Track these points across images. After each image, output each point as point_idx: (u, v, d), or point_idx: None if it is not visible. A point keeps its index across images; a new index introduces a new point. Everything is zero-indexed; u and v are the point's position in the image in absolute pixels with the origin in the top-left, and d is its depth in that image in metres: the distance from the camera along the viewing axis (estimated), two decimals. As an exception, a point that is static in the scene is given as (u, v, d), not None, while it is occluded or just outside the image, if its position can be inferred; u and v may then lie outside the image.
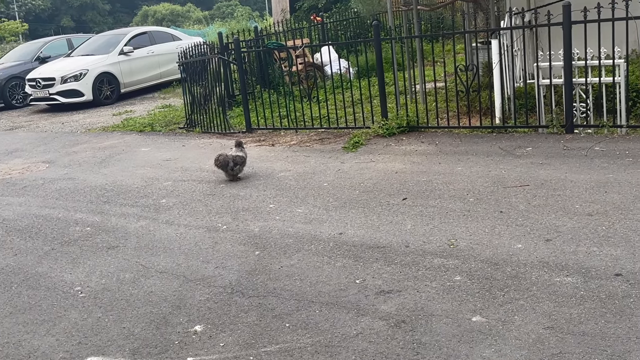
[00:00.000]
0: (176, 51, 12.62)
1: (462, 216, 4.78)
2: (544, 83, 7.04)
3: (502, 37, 7.22)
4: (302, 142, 8.04)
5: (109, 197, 6.46)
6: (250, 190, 6.14)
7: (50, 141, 10.34)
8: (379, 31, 7.86)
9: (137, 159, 8.19)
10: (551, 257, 3.93)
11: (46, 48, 17.08)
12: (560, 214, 4.59)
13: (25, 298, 4.27)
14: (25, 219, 6.04)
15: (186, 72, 10.29)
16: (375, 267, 4.09)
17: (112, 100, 14.57)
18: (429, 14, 11.03)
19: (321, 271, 4.14)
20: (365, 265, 4.14)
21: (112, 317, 3.84)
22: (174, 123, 10.75)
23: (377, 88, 8.14)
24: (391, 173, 6.14)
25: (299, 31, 14.15)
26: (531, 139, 6.74)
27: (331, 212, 5.24)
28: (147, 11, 69.45)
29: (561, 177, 5.39)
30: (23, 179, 7.76)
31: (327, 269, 4.16)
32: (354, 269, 4.11)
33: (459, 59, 8.26)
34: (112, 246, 5.05)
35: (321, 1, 23.27)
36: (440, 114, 7.74)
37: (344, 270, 4.11)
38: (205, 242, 4.90)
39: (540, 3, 8.30)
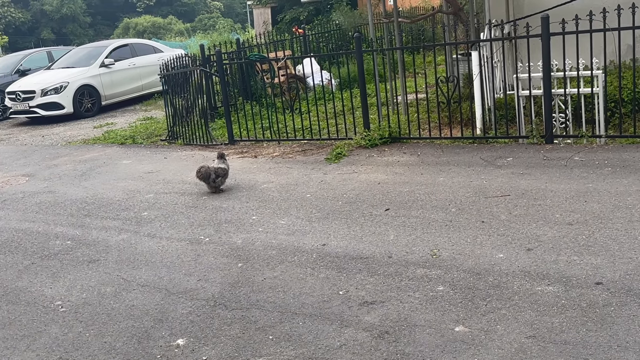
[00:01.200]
0: (158, 63, 12.60)
1: (444, 226, 4.81)
2: (523, 94, 7.13)
3: (482, 48, 7.30)
4: (284, 153, 8.04)
5: (90, 211, 6.40)
6: (233, 202, 6.12)
7: (30, 154, 10.24)
8: (361, 43, 7.91)
9: (118, 171, 8.13)
10: (532, 266, 3.96)
11: (26, 61, 16.94)
12: (541, 224, 4.63)
13: (4, 313, 4.21)
14: (5, 233, 5.96)
15: (168, 84, 10.26)
16: (358, 278, 4.10)
17: (93, 112, 14.47)
18: (410, 26, 11.13)
19: (304, 283, 4.13)
20: (349, 277, 4.14)
21: (93, 332, 3.80)
22: (155, 135, 10.70)
23: (359, 99, 8.18)
24: (374, 184, 6.16)
25: (281, 43, 14.20)
26: (512, 149, 6.81)
27: (314, 224, 5.24)
28: (129, 23, 69.21)
29: (541, 187, 5.44)
30: (2, 192, 7.66)
31: (311, 280, 4.16)
32: (337, 280, 4.11)
33: (440, 70, 8.35)
34: (93, 260, 5.00)
35: (303, 13, 23.42)
36: (422, 125, 7.80)
37: (328, 281, 4.11)
38: (188, 255, 4.87)
39: (519, 15, 8.42)
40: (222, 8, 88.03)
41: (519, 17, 8.15)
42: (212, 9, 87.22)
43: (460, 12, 8.88)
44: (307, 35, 15.90)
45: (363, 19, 11.33)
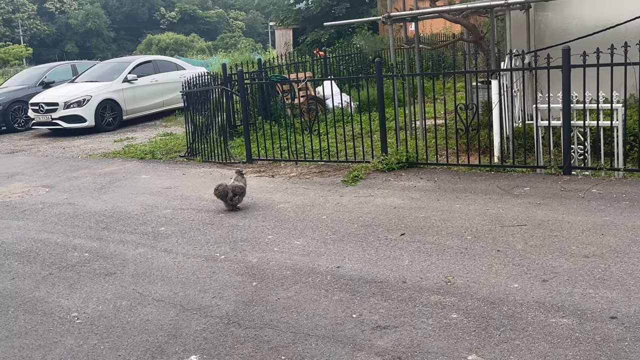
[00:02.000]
0: (179, 80, 12.79)
1: (459, 253, 4.81)
2: (542, 124, 7.14)
3: (502, 77, 7.34)
4: (301, 174, 8.09)
5: (108, 224, 6.48)
6: (249, 221, 6.17)
7: (50, 166, 10.39)
8: (381, 67, 7.99)
9: (137, 186, 8.23)
10: (547, 297, 3.95)
11: (50, 73, 17.25)
12: (557, 255, 4.62)
13: (21, 322, 4.27)
14: (24, 243, 6.05)
15: (189, 102, 10.41)
16: (372, 302, 4.11)
17: (113, 126, 14.66)
18: (431, 52, 11.21)
19: (318, 304, 4.15)
20: (362, 300, 4.15)
21: (107, 345, 3.84)
22: (174, 151, 10.82)
23: (377, 123, 8.23)
24: (390, 208, 6.18)
25: (302, 65, 14.34)
26: (529, 179, 6.81)
27: (329, 245, 5.27)
28: (152, 39, 70.27)
29: (558, 218, 5.44)
30: (23, 202, 7.78)
31: (324, 302, 4.17)
32: (350, 303, 4.12)
33: (459, 97, 8.38)
34: (109, 273, 5.06)
35: (324, 36, 23.63)
36: (440, 151, 7.83)
37: (341, 304, 4.13)
38: (203, 272, 4.91)
39: (540, 46, 8.46)
40: (244, 27, 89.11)
41: (540, 47, 8.20)
42: (234, 28, 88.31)
43: (481, 41, 8.94)
44: (328, 58, 16.05)
45: (384, 43, 11.43)
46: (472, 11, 8.95)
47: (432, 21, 18.63)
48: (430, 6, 9.29)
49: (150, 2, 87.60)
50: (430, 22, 19.18)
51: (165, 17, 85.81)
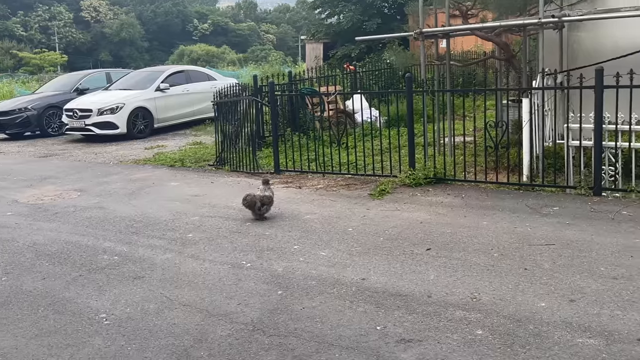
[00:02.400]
0: (211, 90, 12.95)
1: (485, 270, 4.79)
2: (573, 144, 7.09)
3: (534, 96, 7.32)
4: (328, 186, 8.13)
5: (138, 228, 6.59)
6: (276, 231, 6.22)
7: (83, 170, 10.59)
8: (412, 83, 8.02)
9: (166, 192, 8.35)
10: (574, 317, 3.92)
11: (85, 80, 17.60)
12: (585, 275, 4.58)
13: (51, 322, 4.36)
14: (56, 245, 6.18)
15: (219, 111, 10.54)
16: (396, 315, 4.11)
17: (145, 134, 14.89)
18: (462, 69, 11.20)
19: (342, 315, 4.16)
20: (387, 312, 4.16)
21: (134, 347, 3.90)
22: (203, 160, 10.94)
23: (405, 138, 8.24)
24: (416, 223, 6.18)
25: (332, 78, 14.43)
26: (558, 198, 6.75)
27: (355, 257, 5.28)
28: (184, 50, 71.33)
29: (587, 238, 5.38)
30: (55, 205, 7.94)
31: (349, 313, 4.19)
32: (375, 315, 4.13)
33: (489, 114, 8.36)
34: (138, 276, 5.14)
35: (354, 51, 23.76)
36: (468, 168, 7.80)
37: (365, 315, 4.14)
38: (229, 279, 4.96)
39: (572, 65, 8.41)
40: (275, 41, 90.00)
41: (573, 67, 8.15)
42: (265, 41, 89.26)
43: (513, 59, 8.92)
44: (358, 72, 16.13)
45: (415, 59, 11.46)
46: (505, 29, 8.95)
47: (464, 38, 18.62)
48: (462, 23, 9.30)
49: (183, 13, 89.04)
50: (461, 39, 19.18)
51: (197, 29, 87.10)
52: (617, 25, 8.38)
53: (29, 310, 4.57)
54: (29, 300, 4.77)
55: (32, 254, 5.93)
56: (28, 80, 37.04)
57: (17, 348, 3.98)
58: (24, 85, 31.88)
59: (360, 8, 24.65)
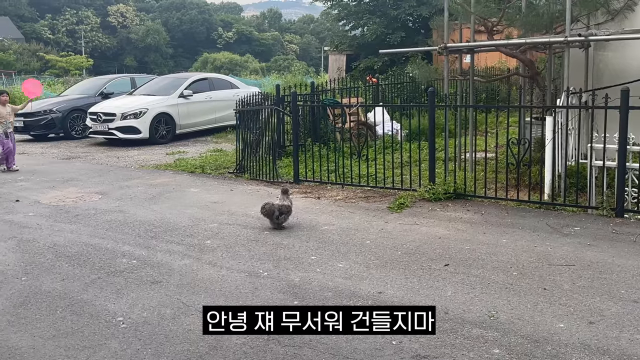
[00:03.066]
0: (233, 98, 13.04)
1: (504, 289, 4.75)
2: (596, 164, 7.01)
3: (558, 114, 7.26)
4: (347, 198, 8.13)
5: (157, 233, 6.63)
6: (293, 240, 6.23)
7: (104, 173, 10.70)
8: (434, 98, 8.00)
9: (186, 198, 8.40)
10: (593, 340, 3.87)
11: (110, 84, 17.80)
12: (605, 298, 4.52)
13: (68, 323, 4.40)
14: (75, 246, 6.24)
15: (241, 120, 10.60)
16: (412, 331, 4.08)
17: (166, 139, 15.00)
18: (485, 85, 11.16)
19: (358, 328, 4.14)
20: (403, 328, 4.13)
21: (150, 351, 3.92)
22: (223, 167, 11.00)
23: (425, 152, 8.21)
24: (434, 238, 6.15)
25: (354, 90, 14.45)
26: (579, 218, 6.68)
27: (372, 270, 5.27)
28: (207, 58, 71.86)
29: (608, 260, 5.32)
30: (76, 207, 8.03)
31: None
32: (391, 330, 4.10)
33: (512, 132, 8.31)
34: (156, 281, 5.17)
35: (377, 63, 23.79)
36: (488, 185, 7.75)
37: (381, 330, 4.11)
38: (246, 287, 4.97)
39: (598, 85, 8.34)
40: (298, 51, 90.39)
41: (598, 87, 8.08)
42: (288, 51, 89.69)
43: (537, 77, 8.87)
44: (380, 85, 16.14)
45: (438, 74, 11.43)
46: (530, 46, 8.90)
47: (487, 54, 18.55)
48: (487, 39, 9.27)
49: (208, 22, 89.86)
50: (485, 55, 19.10)
51: (222, 37, 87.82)
52: (644, 46, 8.30)
53: (48, 311, 4.61)
54: (48, 300, 4.82)
55: (52, 254, 5.99)
56: (54, 83, 37.55)
57: (35, 348, 4.02)
58: (50, 87, 32.33)
59: (385, 21, 24.69)
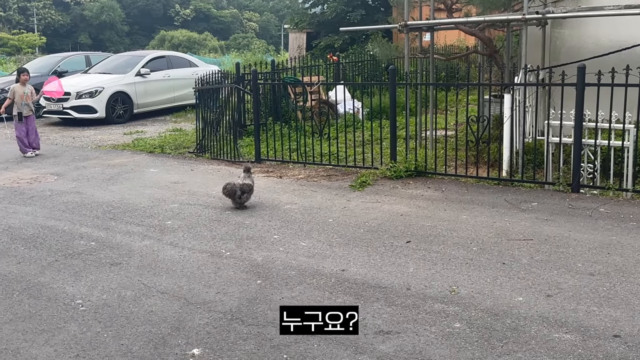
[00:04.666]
0: (192, 77, 12.84)
1: (464, 264, 4.82)
2: (553, 141, 7.14)
3: (515, 92, 7.35)
4: (309, 176, 8.11)
5: (115, 214, 6.51)
6: (256, 220, 6.19)
7: (60, 154, 10.44)
8: (395, 76, 8.01)
9: (145, 179, 8.26)
10: (551, 312, 3.96)
11: (64, 63, 17.32)
12: (562, 271, 4.62)
13: (26, 307, 4.29)
14: (31, 229, 6.08)
15: (201, 99, 10.44)
16: (375, 307, 4.12)
17: (124, 119, 14.70)
18: (445, 63, 11.23)
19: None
20: (366, 304, 4.16)
21: (111, 333, 3.86)
22: (183, 147, 10.85)
23: (387, 130, 8.24)
24: (396, 215, 6.19)
25: (315, 68, 14.38)
26: (537, 194, 6.81)
27: (335, 248, 5.28)
28: (165, 36, 70.45)
29: (565, 234, 5.44)
30: (31, 189, 7.82)
31: (328, 304, 4.18)
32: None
33: (471, 109, 8.39)
34: (115, 263, 5.08)
35: (338, 41, 23.68)
36: (448, 162, 7.83)
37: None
38: (208, 267, 4.93)
39: (555, 62, 8.47)
40: (257, 29, 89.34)
41: (555, 64, 8.20)
42: (247, 29, 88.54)
43: (495, 54, 8.95)
44: (341, 63, 16.09)
45: (398, 52, 11.44)
46: (489, 24, 8.97)
47: (447, 32, 18.67)
48: (447, 17, 9.30)
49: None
50: (444, 33, 19.22)
51: (179, 14, 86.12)
52: (600, 24, 8.45)
53: (3, 295, 4.50)
54: (4, 284, 4.69)
55: (7, 237, 5.83)
56: (5, 62, 36.37)
57: (-10, 333, 3.92)
58: (1, 66, 31.31)
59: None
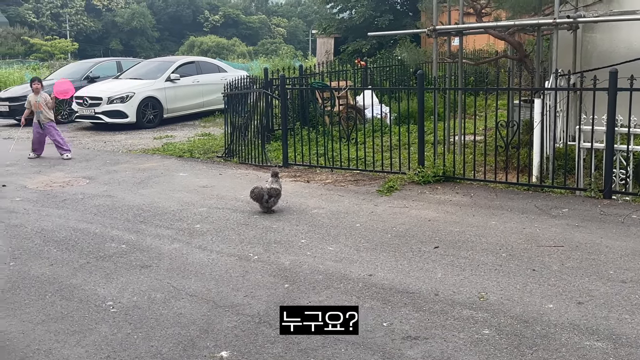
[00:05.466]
0: (221, 82, 12.95)
1: (493, 270, 4.77)
2: (584, 146, 7.05)
3: (546, 97, 7.28)
4: (336, 181, 8.12)
5: (145, 218, 6.60)
6: (283, 224, 6.22)
7: (92, 158, 10.61)
8: (423, 80, 7.98)
9: (174, 183, 8.36)
10: (582, 320, 3.90)
11: (96, 68, 17.61)
12: (593, 278, 4.55)
13: (58, 308, 4.37)
14: (64, 231, 6.19)
15: (229, 103, 10.54)
16: (403, 312, 4.10)
17: (154, 124, 14.89)
18: (474, 68, 11.14)
19: (349, 310, 4.15)
20: (394, 309, 4.15)
21: (141, 335, 3.91)
22: (212, 151, 10.95)
23: (414, 135, 8.22)
24: (424, 220, 6.17)
25: (343, 73, 14.39)
26: (568, 200, 6.72)
27: (362, 253, 5.28)
28: (194, 41, 71.23)
29: (596, 241, 5.36)
30: (64, 192, 7.96)
31: (355, 309, 4.18)
32: (382, 312, 4.12)
33: (500, 114, 8.31)
34: (145, 265, 5.15)
35: (365, 46, 23.67)
36: (477, 167, 7.77)
37: (372, 311, 4.13)
38: (236, 270, 4.96)
39: (586, 67, 8.36)
40: (285, 35, 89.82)
41: (586, 69, 8.09)
42: (275, 34, 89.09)
43: (525, 59, 8.87)
44: (369, 68, 16.08)
45: (427, 56, 11.40)
46: (519, 29, 8.89)
47: (476, 37, 18.52)
48: (476, 21, 9.25)
49: (195, 4, 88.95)
50: (473, 37, 19.07)
51: (208, 20, 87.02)
52: (632, 28, 8.32)
53: (37, 296, 4.58)
54: (37, 285, 4.79)
55: (40, 239, 5.95)
56: (39, 67, 37.08)
57: (24, 333, 4.00)
58: (35, 72, 31.92)
59: (373, 4, 24.53)
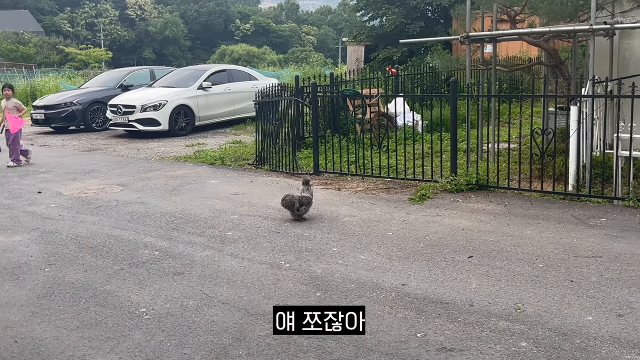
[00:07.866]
0: (252, 90, 13.02)
1: (530, 281, 4.67)
2: (623, 154, 6.88)
3: (582, 104, 7.13)
4: (368, 189, 8.07)
5: (178, 225, 6.64)
6: (315, 232, 6.19)
7: (125, 165, 10.74)
8: (456, 88, 7.90)
9: (206, 190, 8.40)
10: (623, 333, 3.79)
11: (130, 77, 17.86)
12: (634, 290, 4.43)
13: (92, 314, 4.41)
14: (98, 238, 6.26)
15: (260, 111, 10.57)
16: (437, 323, 4.04)
17: (186, 131, 15.03)
18: (507, 75, 11.00)
19: (382, 320, 4.11)
20: (427, 320, 4.09)
21: (174, 342, 3.91)
22: (243, 159, 10.99)
23: (447, 143, 8.13)
24: (457, 229, 6.08)
25: (374, 81, 14.35)
26: (605, 210, 6.56)
27: (394, 262, 5.22)
28: (225, 50, 71.96)
29: (636, 252, 5.21)
30: (98, 199, 8.06)
31: (388, 318, 4.13)
32: (415, 322, 4.06)
33: (535, 122, 8.18)
34: (178, 272, 5.16)
35: (396, 54, 23.60)
36: (511, 176, 7.65)
37: (405, 322, 4.07)
38: (268, 278, 4.95)
39: (623, 74, 8.18)
40: (315, 42, 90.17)
41: (623, 76, 7.92)
42: (305, 42, 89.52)
43: (561, 66, 8.72)
44: (400, 75, 16.01)
45: (459, 63, 11.29)
46: (554, 35, 8.74)
47: (509, 44, 18.29)
48: (510, 28, 9.13)
49: (226, 13, 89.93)
50: (506, 44, 18.84)
51: (239, 29, 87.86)
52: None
53: (71, 302, 4.63)
54: (71, 291, 4.84)
55: (75, 246, 6.02)
56: (73, 76, 37.78)
57: (59, 339, 4.04)
58: (70, 80, 32.57)
59: (404, 11, 24.46)
